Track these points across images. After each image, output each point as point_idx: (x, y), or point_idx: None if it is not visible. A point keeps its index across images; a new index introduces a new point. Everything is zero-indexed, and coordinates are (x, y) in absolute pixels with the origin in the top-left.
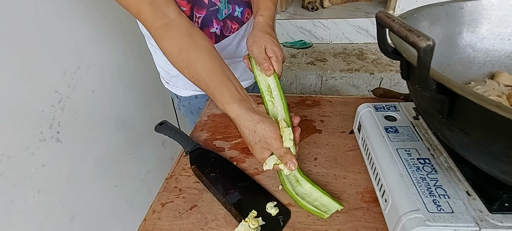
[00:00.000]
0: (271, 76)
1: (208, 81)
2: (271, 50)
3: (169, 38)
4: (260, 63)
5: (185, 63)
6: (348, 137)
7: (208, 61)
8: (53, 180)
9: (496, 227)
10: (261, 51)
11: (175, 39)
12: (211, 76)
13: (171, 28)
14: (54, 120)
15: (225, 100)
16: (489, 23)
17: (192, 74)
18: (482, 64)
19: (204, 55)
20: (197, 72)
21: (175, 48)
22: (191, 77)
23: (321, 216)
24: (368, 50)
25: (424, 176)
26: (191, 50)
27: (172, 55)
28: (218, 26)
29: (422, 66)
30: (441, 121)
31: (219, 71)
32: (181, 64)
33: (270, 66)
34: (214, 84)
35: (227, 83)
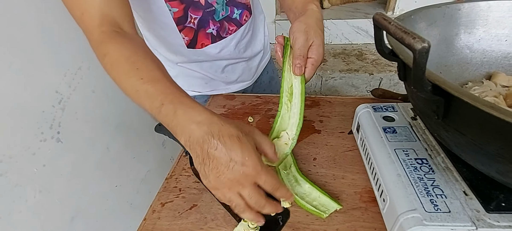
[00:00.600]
0: (299, 78)
1: (169, 84)
2: (316, 51)
3: (120, 42)
4: (296, 58)
5: (137, 65)
6: (347, 137)
7: (168, 75)
8: (54, 180)
9: (493, 227)
10: (305, 46)
11: (129, 44)
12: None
13: (124, 37)
14: (55, 120)
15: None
16: (486, 25)
17: (143, 76)
18: (479, 65)
19: (164, 69)
20: (153, 75)
21: (125, 50)
22: (140, 78)
23: (320, 215)
24: (368, 50)
25: (422, 176)
26: (149, 59)
27: (119, 56)
28: (215, 27)
29: (417, 67)
30: (437, 122)
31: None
32: (130, 65)
33: (303, 66)
34: (178, 88)
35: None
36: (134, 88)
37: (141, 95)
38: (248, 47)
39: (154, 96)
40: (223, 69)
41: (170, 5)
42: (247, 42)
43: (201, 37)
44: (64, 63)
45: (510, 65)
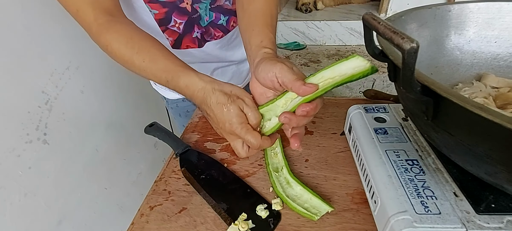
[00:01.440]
0: None
1: (167, 61)
2: None
3: (117, 30)
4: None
5: (136, 49)
6: (339, 138)
7: (164, 49)
8: (40, 183)
9: (483, 228)
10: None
11: (125, 30)
12: (171, 57)
13: (119, 23)
14: (41, 121)
15: (193, 71)
16: (476, 26)
17: (144, 58)
18: (470, 66)
19: (159, 45)
20: (152, 55)
21: (123, 37)
22: (142, 61)
23: (311, 218)
24: (361, 52)
25: (412, 177)
26: (144, 39)
27: (119, 43)
28: (200, 31)
29: (406, 68)
30: (426, 123)
31: (177, 58)
32: (130, 50)
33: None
34: (175, 63)
35: (189, 66)
36: (140, 70)
37: (149, 75)
38: (237, 51)
39: (159, 75)
40: (212, 73)
41: (150, 7)
42: (235, 46)
43: (186, 40)
44: (51, 62)
45: (500, 66)
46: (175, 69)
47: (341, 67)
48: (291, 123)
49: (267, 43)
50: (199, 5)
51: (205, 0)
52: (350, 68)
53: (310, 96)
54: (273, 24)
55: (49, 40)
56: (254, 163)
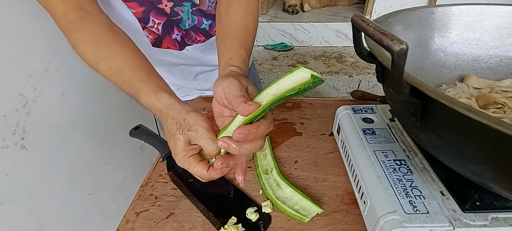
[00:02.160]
0: None
1: (131, 73)
2: None
3: (85, 30)
4: None
5: (103, 54)
6: (328, 139)
7: (132, 55)
8: (18, 190)
9: (469, 226)
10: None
11: (94, 31)
12: (136, 68)
13: (89, 21)
14: (18, 125)
15: (153, 89)
16: (458, 28)
17: (110, 67)
18: (453, 68)
19: (128, 49)
20: (117, 64)
21: (91, 39)
22: (108, 70)
23: (302, 220)
24: (347, 53)
25: (400, 177)
26: (113, 42)
27: (86, 46)
28: (180, 33)
29: (396, 69)
30: (415, 124)
31: (145, 65)
32: (97, 55)
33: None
34: (139, 75)
35: (155, 76)
36: (106, 76)
37: (115, 84)
38: None
39: (124, 88)
40: (195, 77)
41: (127, 5)
42: None
43: (166, 42)
44: (29, 63)
45: (481, 68)
46: (137, 85)
47: (285, 81)
48: (230, 149)
49: (236, 61)
50: (181, 8)
51: (186, 3)
52: (293, 82)
53: (250, 117)
54: (248, 39)
55: (26, 40)
56: None
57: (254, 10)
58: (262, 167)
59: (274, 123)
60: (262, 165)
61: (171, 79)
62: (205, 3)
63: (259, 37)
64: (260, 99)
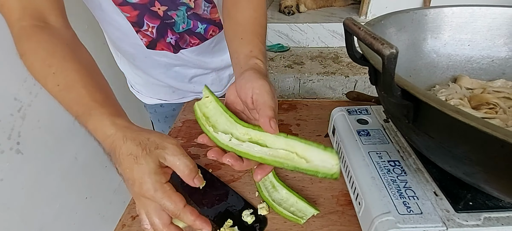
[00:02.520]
0: None
1: (84, 91)
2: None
3: (38, 40)
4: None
5: (53, 69)
6: (324, 140)
7: (92, 75)
8: (14, 195)
9: (462, 226)
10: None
11: (49, 44)
12: (92, 87)
13: (46, 33)
14: (14, 130)
15: (111, 112)
16: (450, 30)
17: (59, 82)
18: (445, 69)
19: (88, 70)
20: (69, 80)
21: (42, 51)
22: (56, 85)
23: (298, 221)
24: (343, 53)
25: (395, 178)
26: (69, 60)
27: (35, 58)
28: (174, 37)
29: (386, 73)
30: (407, 126)
31: (104, 86)
32: (47, 69)
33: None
34: (94, 95)
35: (114, 100)
36: (52, 93)
37: (60, 101)
38: (216, 58)
39: (69, 106)
40: (191, 80)
41: (121, 10)
42: (215, 54)
43: (160, 45)
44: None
45: (473, 68)
46: (89, 104)
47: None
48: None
49: (257, 53)
50: (176, 12)
51: (181, 7)
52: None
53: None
54: (262, 34)
55: None
56: None
57: (264, 5)
58: None
59: None
60: None
61: (167, 82)
62: (200, 6)
63: None
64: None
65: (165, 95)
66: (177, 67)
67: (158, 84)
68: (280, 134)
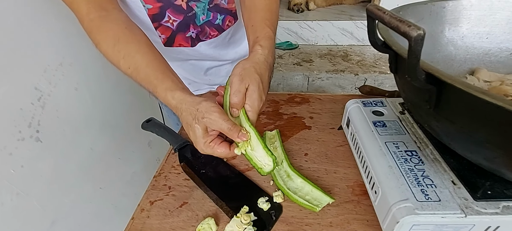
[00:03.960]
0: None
1: (148, 71)
2: (249, 97)
3: (106, 30)
4: (231, 105)
5: (122, 53)
6: (338, 132)
7: (149, 53)
8: (33, 182)
9: (481, 214)
10: (239, 91)
11: (113, 31)
12: (152, 66)
13: (109, 21)
14: (34, 119)
15: (168, 87)
16: (468, 22)
17: (129, 65)
18: (463, 62)
19: (145, 48)
20: (135, 62)
21: (111, 39)
22: (128, 68)
23: (313, 209)
24: (353, 51)
25: (412, 167)
26: (131, 42)
27: (107, 46)
28: (195, 30)
29: (412, 55)
30: (428, 112)
31: (160, 63)
32: (117, 54)
33: (238, 111)
34: (155, 73)
35: (169, 74)
36: (127, 74)
37: (136, 80)
38: (231, 50)
39: (143, 84)
40: (206, 72)
41: (144, 1)
42: (229, 46)
43: (178, 39)
44: (44, 58)
45: (491, 61)
46: (154, 82)
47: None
48: None
49: (261, 39)
50: (196, 4)
51: (203, 0)
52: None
53: None
54: (272, 18)
55: (41, 35)
56: None
57: None
58: None
59: (283, 117)
60: None
61: (183, 74)
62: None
63: None
64: None
65: None
66: (193, 60)
67: None
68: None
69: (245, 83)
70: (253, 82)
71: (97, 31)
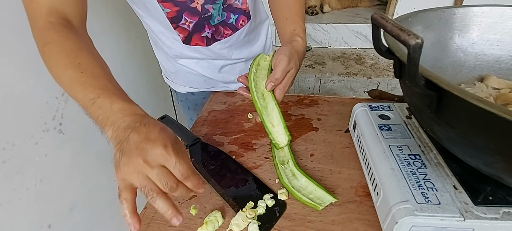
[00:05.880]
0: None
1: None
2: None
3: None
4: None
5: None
6: (344, 135)
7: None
8: (55, 170)
9: (480, 218)
10: (285, 70)
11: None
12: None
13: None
14: (58, 112)
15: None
16: (479, 29)
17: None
18: (472, 68)
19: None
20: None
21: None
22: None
23: (316, 208)
24: (366, 55)
25: (414, 170)
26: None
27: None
28: (210, 30)
29: (411, 62)
30: (429, 116)
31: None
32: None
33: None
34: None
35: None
36: (70, 78)
37: (76, 86)
38: (245, 49)
39: (91, 89)
40: (220, 70)
41: (163, 6)
42: (243, 45)
43: (195, 39)
44: None
45: (501, 69)
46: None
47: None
48: None
49: (299, 32)
50: (212, 6)
51: (218, 1)
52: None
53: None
54: (302, 12)
55: None
56: (261, 155)
57: None
58: (279, 158)
59: (292, 118)
60: (279, 156)
61: (199, 71)
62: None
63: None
64: None
65: (197, 84)
66: (208, 59)
67: (190, 73)
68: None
69: (291, 66)
70: (294, 67)
71: (55, 32)
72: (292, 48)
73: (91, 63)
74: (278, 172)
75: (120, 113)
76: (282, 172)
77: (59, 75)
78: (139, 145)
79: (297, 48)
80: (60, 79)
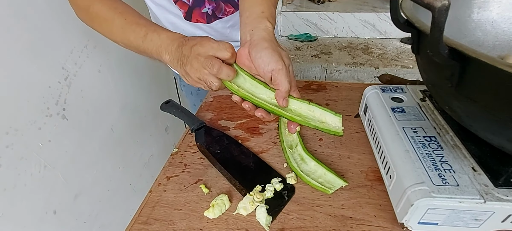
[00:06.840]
0: None
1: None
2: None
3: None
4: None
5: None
6: (354, 120)
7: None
8: (59, 157)
9: (501, 201)
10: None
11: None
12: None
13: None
14: (61, 97)
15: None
16: (499, 7)
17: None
18: (492, 48)
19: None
20: (135, 17)
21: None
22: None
23: (325, 191)
24: (374, 45)
25: (430, 152)
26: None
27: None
28: (210, 6)
29: (436, 28)
30: (449, 91)
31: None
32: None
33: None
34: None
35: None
36: (119, 26)
37: (127, 31)
38: None
39: (139, 29)
40: None
41: None
42: None
43: (195, 15)
44: (71, 39)
45: None
46: (157, 26)
47: (325, 113)
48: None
49: (268, 16)
50: None
51: None
52: (328, 119)
53: (289, 117)
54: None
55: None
56: (268, 140)
57: None
58: (287, 142)
59: None
60: (287, 140)
61: None
62: None
63: (283, 27)
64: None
65: None
66: None
67: None
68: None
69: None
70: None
71: None
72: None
73: (127, 9)
74: (286, 156)
75: (168, 40)
76: (290, 156)
77: (109, 27)
78: (191, 53)
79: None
80: (110, 31)
